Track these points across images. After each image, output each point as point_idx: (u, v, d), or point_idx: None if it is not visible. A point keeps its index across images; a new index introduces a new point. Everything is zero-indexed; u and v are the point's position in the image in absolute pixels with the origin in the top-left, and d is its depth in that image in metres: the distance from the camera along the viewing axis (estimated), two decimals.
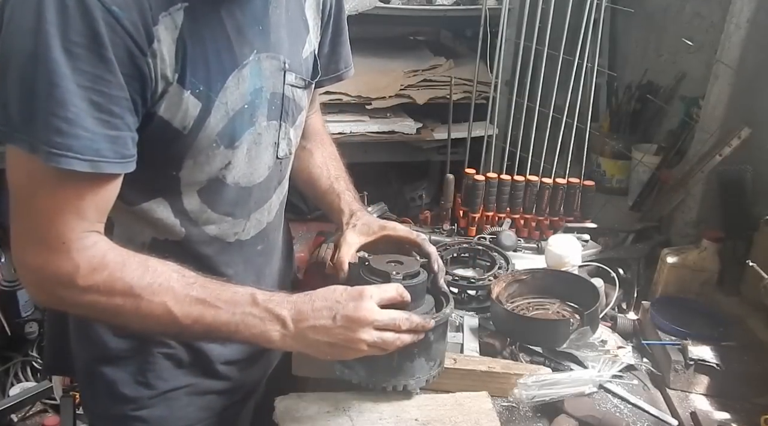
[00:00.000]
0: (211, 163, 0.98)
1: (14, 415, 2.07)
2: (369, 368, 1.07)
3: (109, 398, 1.08)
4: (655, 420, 1.17)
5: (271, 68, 1.01)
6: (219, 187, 1.02)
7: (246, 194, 1.06)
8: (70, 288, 0.86)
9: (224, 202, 1.04)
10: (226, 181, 1.01)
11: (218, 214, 1.04)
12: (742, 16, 1.60)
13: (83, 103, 0.79)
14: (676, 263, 1.49)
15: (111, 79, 0.81)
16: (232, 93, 0.95)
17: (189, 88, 0.89)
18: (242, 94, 0.96)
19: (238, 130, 0.98)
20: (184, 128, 0.91)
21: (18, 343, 2.27)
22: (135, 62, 0.83)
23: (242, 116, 0.98)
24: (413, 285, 1.06)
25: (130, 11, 0.80)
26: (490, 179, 1.79)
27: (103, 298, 0.87)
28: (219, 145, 0.97)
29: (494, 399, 1.15)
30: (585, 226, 1.77)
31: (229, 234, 1.07)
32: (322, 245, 1.62)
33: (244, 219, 1.08)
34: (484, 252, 1.63)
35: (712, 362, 1.23)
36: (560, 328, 1.29)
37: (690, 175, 1.72)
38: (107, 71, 0.80)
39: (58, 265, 0.85)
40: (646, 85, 2.28)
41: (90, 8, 0.78)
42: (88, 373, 1.10)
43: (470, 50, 2.41)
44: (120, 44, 0.80)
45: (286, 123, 1.08)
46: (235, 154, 1.00)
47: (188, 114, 0.91)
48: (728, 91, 1.65)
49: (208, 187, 1.00)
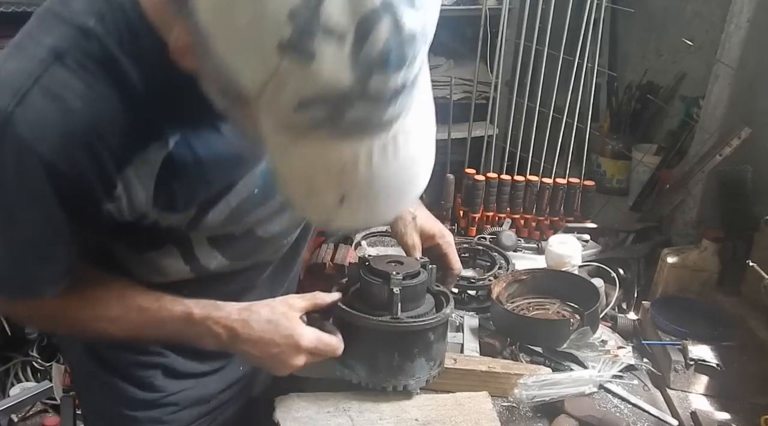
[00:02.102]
0: (222, 230, 0.96)
1: (14, 415, 2.07)
2: (369, 368, 1.07)
3: (103, 397, 1.09)
4: (655, 420, 1.17)
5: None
6: (233, 236, 0.98)
7: (262, 242, 1.03)
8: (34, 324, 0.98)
9: (234, 248, 1.00)
10: (236, 235, 0.98)
11: (229, 260, 1.01)
12: (742, 16, 1.60)
13: (20, 254, 0.82)
14: (676, 263, 1.49)
15: (55, 230, 0.80)
16: (239, 192, 0.91)
17: (182, 210, 0.87)
18: (250, 188, 0.92)
19: (244, 211, 0.94)
20: (180, 225, 0.90)
21: (18, 343, 2.27)
22: (88, 207, 0.80)
23: (251, 200, 0.93)
24: (413, 285, 1.06)
25: (79, 167, 0.75)
26: (490, 179, 1.79)
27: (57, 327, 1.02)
28: (224, 225, 0.94)
29: (494, 399, 1.14)
30: (585, 226, 1.77)
31: (239, 266, 1.05)
32: (322, 246, 1.62)
33: (258, 256, 1.06)
34: (484, 252, 1.63)
35: (712, 362, 1.23)
36: (560, 328, 1.29)
37: (690, 175, 1.72)
38: (50, 225, 0.79)
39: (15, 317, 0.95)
40: (646, 85, 2.29)
41: (30, 167, 0.73)
42: (82, 370, 1.13)
43: (470, 50, 2.42)
44: (63, 197, 0.76)
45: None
46: (247, 222, 0.97)
47: (182, 219, 0.89)
48: (728, 91, 1.65)
49: (221, 235, 0.97)
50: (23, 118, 0.71)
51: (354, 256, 1.58)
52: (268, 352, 0.96)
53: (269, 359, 0.97)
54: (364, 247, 1.68)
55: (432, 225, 1.26)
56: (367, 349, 1.07)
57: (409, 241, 1.21)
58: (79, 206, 0.79)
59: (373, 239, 1.73)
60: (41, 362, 2.28)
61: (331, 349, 1.01)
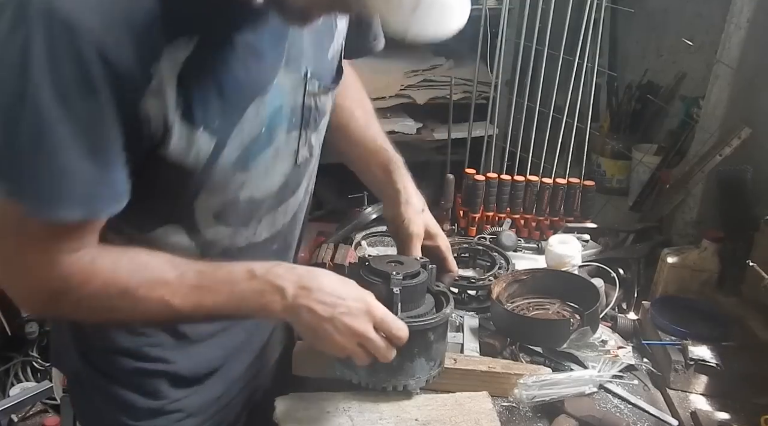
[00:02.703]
0: (226, 188, 0.94)
1: (14, 415, 2.07)
2: (369, 368, 1.07)
3: (103, 407, 1.07)
4: (656, 420, 1.17)
5: (292, 83, 0.95)
6: (234, 207, 0.98)
7: (258, 204, 1.02)
8: (64, 302, 0.85)
9: (237, 216, 1.00)
10: (239, 199, 0.98)
11: (232, 228, 1.01)
12: (742, 16, 1.60)
13: (73, 150, 0.75)
14: (676, 263, 1.49)
15: (103, 123, 0.77)
16: (251, 121, 0.90)
17: (200, 124, 0.84)
18: (261, 119, 0.91)
19: (253, 153, 0.93)
20: (197, 166, 0.87)
21: (18, 343, 2.27)
22: (131, 104, 0.78)
23: (259, 140, 0.93)
24: (413, 285, 1.06)
25: (125, 50, 0.74)
26: (490, 179, 1.79)
27: (99, 303, 0.86)
28: (234, 171, 0.93)
29: (494, 399, 1.14)
30: (585, 226, 1.77)
31: (241, 240, 1.04)
32: (323, 245, 1.62)
33: (255, 223, 1.05)
34: (484, 252, 1.63)
35: (712, 362, 1.23)
36: (560, 328, 1.29)
37: (690, 175, 1.72)
38: (99, 115, 0.76)
39: (48, 286, 0.83)
40: (646, 85, 2.29)
41: (81, 49, 0.72)
42: (78, 380, 1.10)
43: (470, 50, 2.42)
44: (113, 86, 0.75)
45: (307, 131, 1.02)
46: (251, 174, 0.96)
47: (201, 151, 0.86)
48: (728, 91, 1.65)
49: (224, 209, 0.97)
50: (65, 2, 0.72)
51: (354, 256, 1.58)
52: (334, 312, 0.91)
53: (331, 321, 0.91)
54: (364, 247, 1.68)
55: (435, 225, 1.26)
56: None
57: (414, 229, 1.19)
58: (125, 106, 0.77)
59: (373, 239, 1.73)
60: (41, 362, 2.28)
61: (397, 328, 0.96)
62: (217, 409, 1.15)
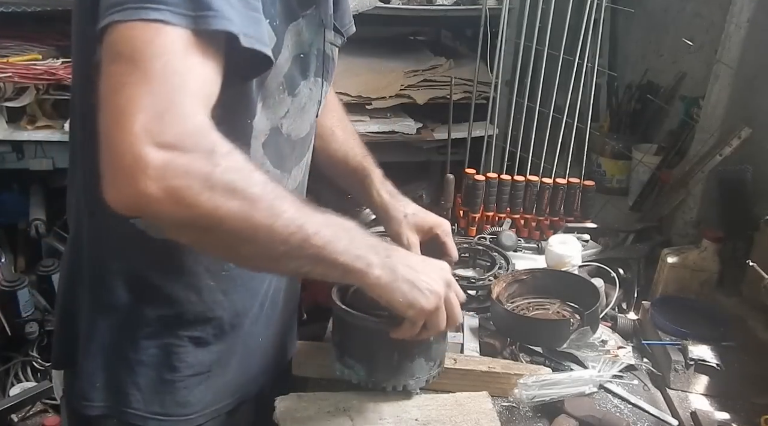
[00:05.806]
0: (276, 109, 0.99)
1: (14, 415, 2.07)
2: (369, 368, 1.07)
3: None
4: (656, 420, 1.17)
5: (315, 27, 1.03)
6: (277, 138, 1.02)
7: (292, 147, 1.06)
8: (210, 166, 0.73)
9: (278, 154, 1.03)
10: (282, 130, 1.02)
11: (272, 167, 1.03)
12: (742, 16, 1.60)
13: None
14: (676, 263, 1.49)
15: None
16: (293, 38, 0.97)
17: (267, 17, 0.87)
18: (300, 42, 0.99)
19: (297, 77, 1.00)
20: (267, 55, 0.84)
21: (18, 343, 2.27)
22: None
23: (300, 64, 1.00)
24: None
25: None
26: (490, 179, 1.80)
27: (239, 181, 0.75)
28: (284, 89, 0.98)
29: (494, 399, 1.15)
30: (585, 226, 1.77)
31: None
32: None
33: (287, 173, 1.08)
34: (484, 252, 1.63)
35: (712, 362, 1.23)
36: (560, 328, 1.29)
37: (690, 175, 1.72)
38: None
39: (195, 140, 0.73)
40: (646, 85, 2.28)
41: None
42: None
43: (470, 50, 2.42)
44: None
45: (327, 81, 1.10)
46: (293, 103, 1.01)
47: (269, 43, 0.87)
48: (728, 91, 1.65)
49: (270, 137, 1.00)
50: None
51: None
52: (421, 272, 0.96)
53: (419, 275, 0.95)
54: None
55: (425, 218, 1.27)
56: (367, 349, 1.07)
57: (404, 241, 1.23)
58: None
59: None
60: (41, 362, 2.28)
61: (457, 309, 1.01)
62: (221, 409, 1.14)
